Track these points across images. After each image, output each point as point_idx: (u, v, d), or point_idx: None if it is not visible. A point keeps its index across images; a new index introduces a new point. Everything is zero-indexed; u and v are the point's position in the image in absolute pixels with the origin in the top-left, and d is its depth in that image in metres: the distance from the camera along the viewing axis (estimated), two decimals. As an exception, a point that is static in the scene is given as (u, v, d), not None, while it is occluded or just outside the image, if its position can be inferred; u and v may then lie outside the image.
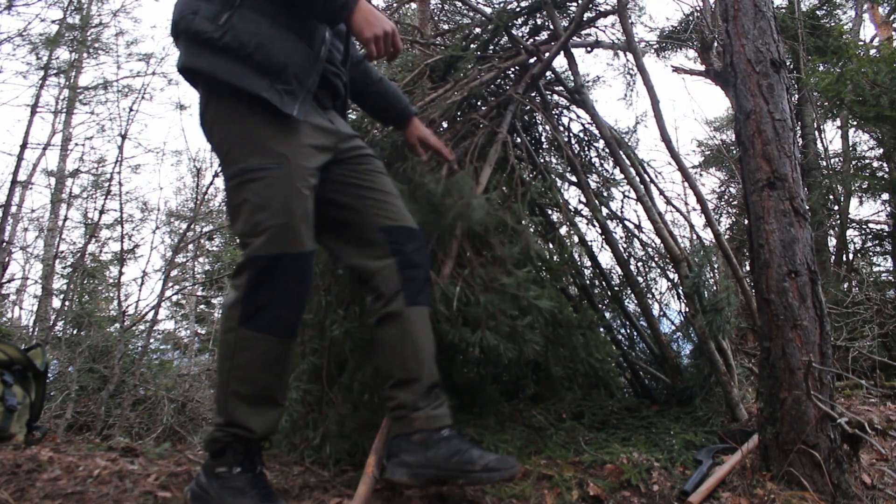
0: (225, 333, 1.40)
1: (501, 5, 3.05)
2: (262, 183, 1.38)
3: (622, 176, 2.56)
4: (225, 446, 1.39)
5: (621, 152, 2.52)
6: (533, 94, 2.66)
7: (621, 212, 2.88)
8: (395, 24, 1.46)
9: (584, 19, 2.65)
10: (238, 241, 1.44)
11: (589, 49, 2.93)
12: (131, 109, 6.98)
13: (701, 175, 9.10)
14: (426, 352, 1.53)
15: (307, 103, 1.48)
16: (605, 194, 2.81)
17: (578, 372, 2.15)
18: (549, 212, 2.76)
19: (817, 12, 7.18)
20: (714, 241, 2.48)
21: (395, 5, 5.05)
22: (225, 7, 1.40)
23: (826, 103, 6.08)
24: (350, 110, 2.17)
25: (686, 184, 2.68)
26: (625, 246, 2.89)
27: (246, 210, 1.39)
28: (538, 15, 2.81)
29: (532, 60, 2.60)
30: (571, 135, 2.85)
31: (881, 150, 6.17)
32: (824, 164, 6.89)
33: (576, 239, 2.77)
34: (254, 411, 1.39)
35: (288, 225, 1.38)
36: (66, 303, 7.13)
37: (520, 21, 2.84)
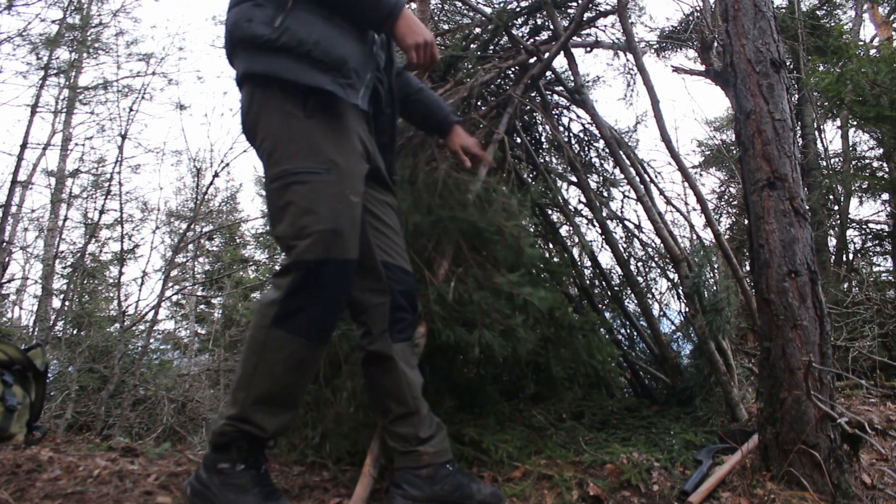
0: (256, 329, 1.39)
1: (501, 5, 3.05)
2: (308, 186, 1.37)
3: (622, 176, 2.56)
4: (231, 441, 1.38)
5: (621, 152, 2.52)
6: (533, 94, 2.66)
7: (621, 212, 2.88)
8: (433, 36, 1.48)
9: (584, 19, 2.65)
10: (278, 242, 1.43)
11: (589, 49, 2.93)
12: (131, 109, 6.97)
13: (701, 175, 9.10)
14: (416, 384, 1.57)
15: (367, 97, 1.50)
16: (605, 194, 2.81)
17: (579, 373, 2.16)
18: (550, 212, 2.76)
19: (817, 12, 7.18)
20: (714, 241, 2.48)
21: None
22: (278, 10, 1.40)
23: (826, 103, 6.08)
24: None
25: (686, 184, 2.68)
26: (625, 246, 2.89)
27: (291, 212, 1.38)
28: (538, 15, 2.81)
29: (532, 60, 2.60)
30: (571, 135, 2.86)
31: (881, 150, 6.17)
32: (824, 164, 6.89)
33: (576, 239, 2.77)
34: (270, 411, 1.38)
35: (335, 231, 1.37)
36: (66, 303, 7.13)
37: (520, 21, 2.84)
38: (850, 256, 6.23)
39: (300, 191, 1.37)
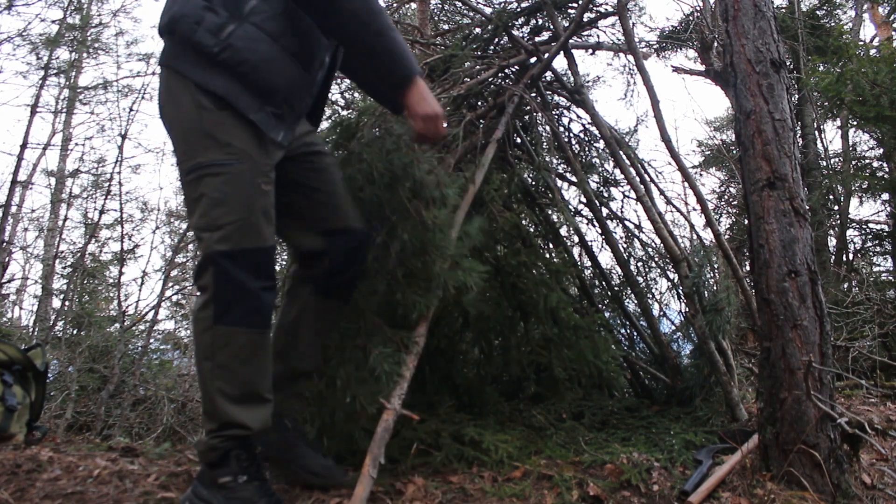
0: (201, 335, 1.38)
1: (501, 5, 3.05)
2: (221, 178, 1.37)
3: (622, 176, 2.56)
4: (226, 453, 1.36)
5: (621, 152, 2.52)
6: (533, 94, 2.66)
7: (621, 212, 2.88)
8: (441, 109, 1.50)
9: (585, 20, 2.65)
10: (194, 234, 1.44)
11: (591, 51, 2.93)
12: (131, 109, 6.99)
13: (701, 175, 9.10)
14: (304, 339, 1.62)
15: (293, 128, 1.49)
16: (605, 194, 2.81)
17: (583, 373, 2.16)
18: (550, 212, 2.76)
19: (817, 12, 7.18)
20: (714, 241, 2.48)
21: (395, 5, 5.05)
22: (230, 20, 1.38)
23: (826, 103, 6.08)
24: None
25: (686, 184, 2.68)
26: (625, 246, 2.89)
27: (203, 204, 1.38)
28: (539, 15, 2.81)
29: (532, 60, 2.60)
30: (572, 135, 2.86)
31: (881, 150, 6.17)
32: (824, 164, 6.88)
33: (576, 238, 2.77)
34: (245, 407, 1.37)
35: (247, 220, 1.38)
36: (66, 303, 7.13)
37: (520, 21, 2.84)
38: (850, 256, 6.23)
39: (212, 183, 1.37)
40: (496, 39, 2.74)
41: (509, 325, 2.24)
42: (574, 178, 2.68)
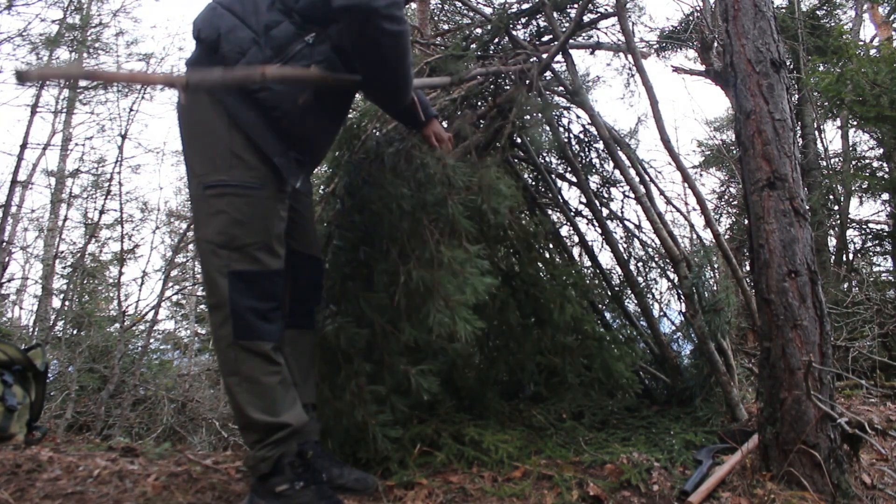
0: (224, 352, 1.42)
1: (502, 6, 3.05)
2: (244, 200, 1.41)
3: (622, 176, 2.55)
4: (277, 461, 1.39)
5: (621, 153, 2.52)
6: (532, 95, 2.66)
7: (621, 212, 2.88)
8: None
9: (584, 21, 2.65)
10: (199, 244, 1.46)
11: (592, 52, 2.93)
12: (131, 109, 6.98)
13: (701, 175, 9.09)
14: (299, 375, 1.64)
15: (310, 174, 1.61)
16: (605, 195, 2.81)
17: (598, 380, 2.18)
18: (550, 212, 2.76)
19: (817, 12, 7.18)
20: (714, 241, 2.48)
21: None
22: (273, 59, 1.39)
23: (826, 103, 6.08)
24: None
25: (686, 184, 2.68)
26: (625, 246, 2.89)
27: (222, 221, 1.41)
28: (539, 17, 2.81)
29: (532, 60, 2.60)
30: (571, 135, 2.85)
31: (881, 150, 6.17)
32: (824, 164, 6.88)
33: (576, 238, 2.77)
34: (278, 410, 1.42)
35: (266, 243, 1.43)
36: (66, 303, 7.12)
37: (522, 22, 2.84)
38: (850, 256, 6.23)
39: (235, 203, 1.41)
40: (496, 40, 2.74)
41: (522, 332, 2.24)
42: (574, 179, 2.68)
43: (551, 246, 2.54)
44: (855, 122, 5.91)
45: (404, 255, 1.81)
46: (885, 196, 6.00)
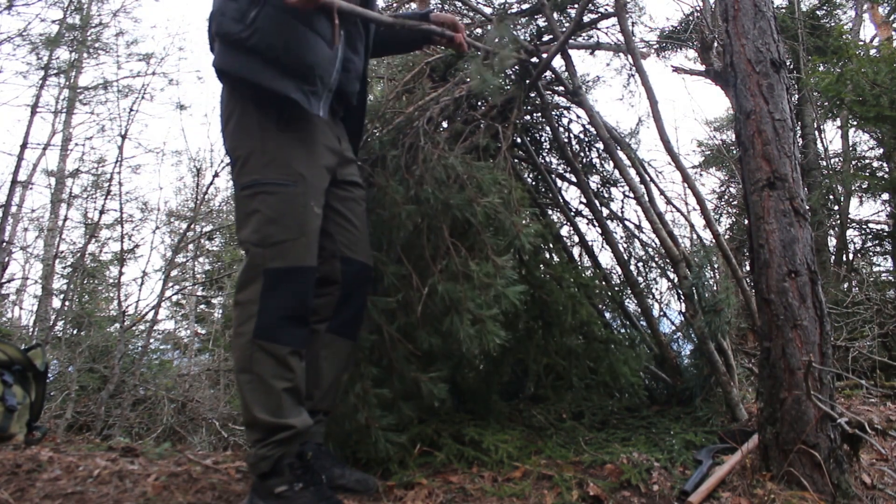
0: (241, 349, 1.42)
1: (502, 6, 3.05)
2: (277, 197, 1.43)
3: (622, 176, 2.55)
4: (277, 462, 1.39)
5: (621, 153, 2.52)
6: (533, 95, 2.66)
7: (621, 212, 2.88)
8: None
9: (584, 21, 2.65)
10: (241, 245, 1.48)
11: (591, 52, 2.93)
12: (131, 109, 6.97)
13: (701, 175, 9.09)
14: (325, 377, 1.62)
15: (328, 103, 1.55)
16: (605, 195, 2.81)
17: (603, 383, 2.17)
18: (550, 212, 2.76)
19: (817, 12, 7.17)
20: (713, 241, 2.48)
21: (395, 5, 5.05)
22: (251, 5, 1.41)
23: (826, 103, 6.08)
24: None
25: (686, 184, 2.67)
26: (625, 246, 2.88)
27: (257, 220, 1.43)
28: (539, 16, 2.81)
29: (533, 60, 2.60)
30: (572, 135, 2.85)
31: (881, 150, 6.17)
32: (824, 164, 6.88)
33: (576, 239, 2.77)
34: (282, 413, 1.41)
35: (299, 241, 1.43)
36: (66, 303, 7.12)
37: (521, 22, 2.84)
38: (850, 256, 6.23)
39: (268, 201, 1.43)
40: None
41: (527, 335, 2.23)
42: (574, 179, 2.67)
43: (551, 246, 2.53)
44: (855, 122, 5.91)
45: (418, 264, 1.81)
46: (885, 196, 6.00)
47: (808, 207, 1.73)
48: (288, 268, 1.42)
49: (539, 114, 2.57)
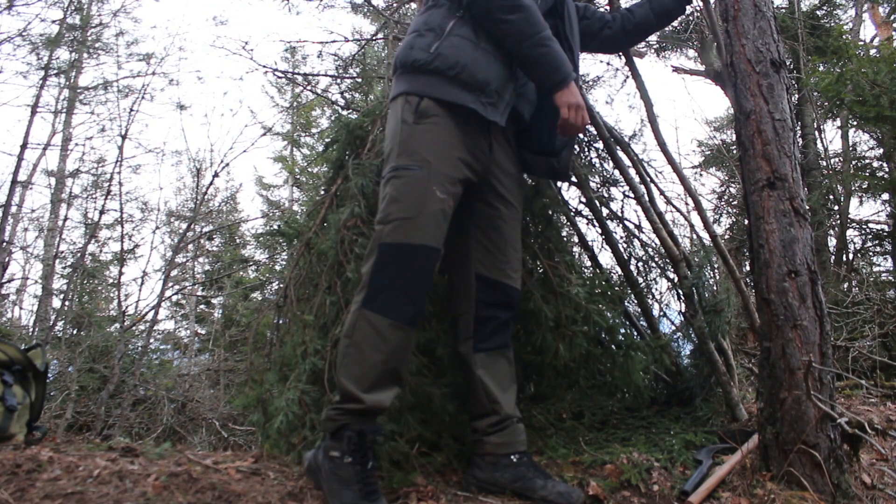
0: (350, 315, 1.53)
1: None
2: (402, 180, 1.56)
3: (622, 176, 2.55)
4: (340, 428, 1.47)
5: (620, 152, 2.52)
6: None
7: (621, 212, 2.88)
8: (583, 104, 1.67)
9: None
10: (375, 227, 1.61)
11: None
12: (131, 110, 6.97)
13: (701, 175, 9.09)
14: (494, 389, 1.69)
15: (507, 113, 1.68)
16: (605, 195, 2.80)
17: (617, 386, 2.18)
18: (550, 213, 2.76)
19: (817, 12, 7.17)
20: (711, 242, 2.48)
21: (395, 5, 5.06)
22: (436, 39, 1.63)
23: (826, 103, 6.08)
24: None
25: (683, 187, 2.67)
26: (625, 246, 2.88)
27: (385, 201, 1.57)
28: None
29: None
30: (571, 135, 2.85)
31: (881, 150, 6.16)
32: (824, 164, 6.88)
33: (576, 239, 2.77)
34: (364, 386, 1.48)
35: (414, 219, 1.52)
36: (66, 303, 7.12)
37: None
38: (850, 256, 6.23)
39: (396, 184, 1.57)
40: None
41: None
42: (574, 179, 2.67)
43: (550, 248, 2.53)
44: (855, 122, 5.90)
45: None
46: (885, 196, 5.99)
47: (808, 207, 1.73)
48: (401, 244, 1.51)
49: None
